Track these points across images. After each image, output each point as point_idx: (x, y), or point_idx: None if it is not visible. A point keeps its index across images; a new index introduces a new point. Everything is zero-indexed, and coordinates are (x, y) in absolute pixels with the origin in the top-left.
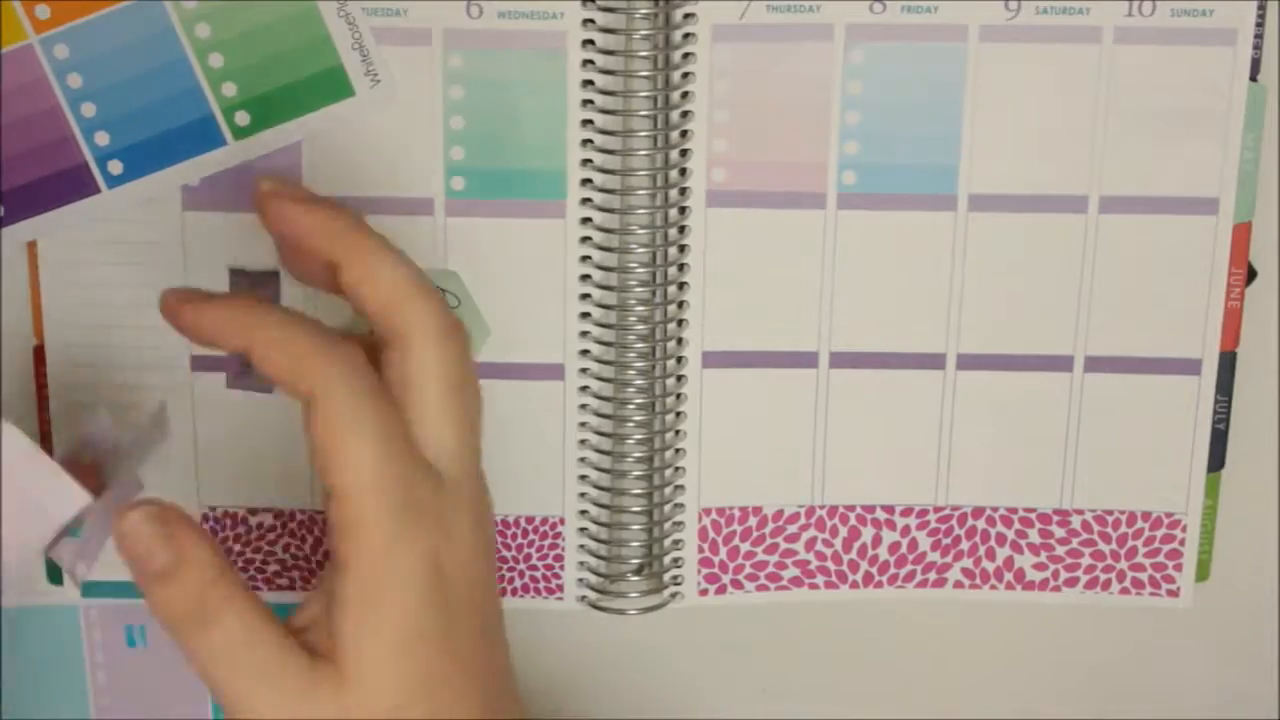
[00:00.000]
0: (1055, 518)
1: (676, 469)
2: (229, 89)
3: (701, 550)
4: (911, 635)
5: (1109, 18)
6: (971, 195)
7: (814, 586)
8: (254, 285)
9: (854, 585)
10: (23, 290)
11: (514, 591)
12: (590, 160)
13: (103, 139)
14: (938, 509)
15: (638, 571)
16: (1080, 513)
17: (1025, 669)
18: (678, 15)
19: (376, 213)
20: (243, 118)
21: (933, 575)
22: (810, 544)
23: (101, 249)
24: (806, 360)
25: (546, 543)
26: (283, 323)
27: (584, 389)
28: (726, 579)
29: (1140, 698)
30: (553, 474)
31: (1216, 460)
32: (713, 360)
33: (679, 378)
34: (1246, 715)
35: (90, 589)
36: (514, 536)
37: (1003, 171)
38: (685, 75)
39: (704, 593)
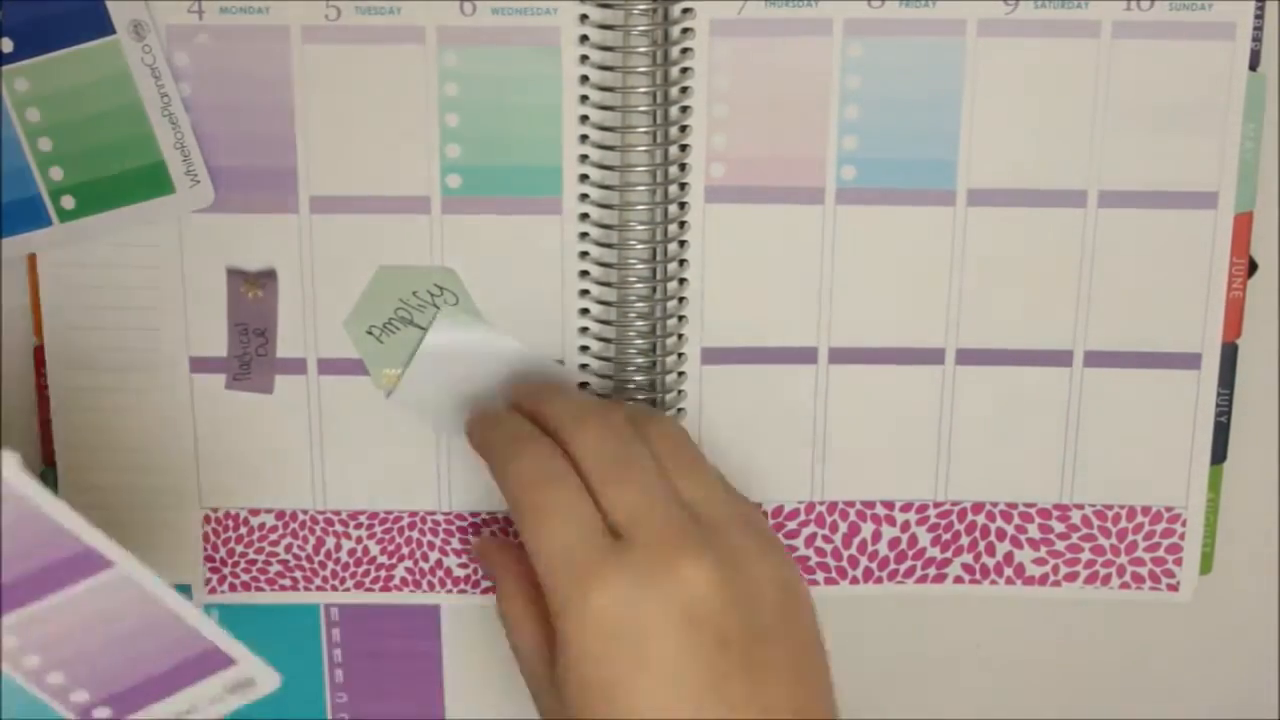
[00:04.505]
0: (1055, 513)
1: None
2: (56, 173)
3: None
4: (911, 631)
5: (1108, 12)
6: (970, 190)
7: (814, 582)
8: (251, 284)
9: (854, 581)
10: (23, 291)
11: None
12: (587, 156)
13: None
14: (937, 504)
15: None
16: (1080, 507)
17: (1025, 665)
18: (675, 10)
19: (373, 211)
20: (68, 202)
21: (933, 571)
22: (810, 540)
23: (100, 250)
24: (806, 356)
25: None
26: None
27: (583, 385)
28: None
29: (1140, 694)
30: None
31: (1219, 453)
32: (712, 356)
33: (679, 374)
34: (1247, 713)
35: None
36: (515, 533)
37: (1002, 166)
38: (683, 70)
39: None
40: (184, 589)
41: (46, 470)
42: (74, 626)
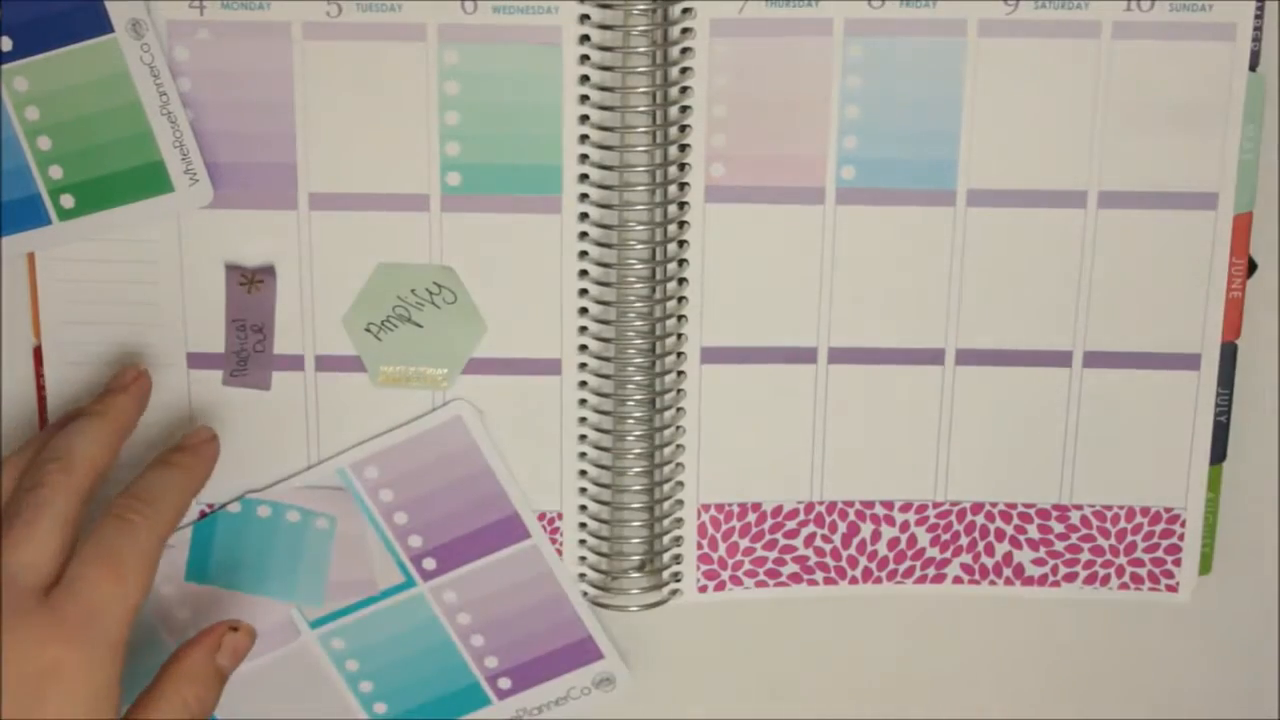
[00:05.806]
0: (1054, 513)
1: (676, 465)
2: (55, 171)
3: (701, 546)
4: (910, 631)
5: (1108, 12)
6: (970, 190)
7: (813, 583)
8: (250, 280)
9: (853, 581)
10: (22, 291)
11: None
12: (587, 156)
13: None
14: (937, 504)
15: (639, 568)
16: (1079, 508)
17: (1025, 666)
18: (676, 10)
19: (372, 208)
20: (68, 200)
21: (932, 571)
22: (809, 540)
23: (98, 248)
24: (805, 356)
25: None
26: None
27: (583, 384)
28: (726, 575)
29: (1140, 694)
30: (550, 469)
31: (1218, 453)
32: (712, 356)
33: (678, 373)
34: (1247, 714)
35: None
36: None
37: (1002, 167)
38: (684, 70)
39: (703, 589)
40: None
41: None
42: (494, 592)
